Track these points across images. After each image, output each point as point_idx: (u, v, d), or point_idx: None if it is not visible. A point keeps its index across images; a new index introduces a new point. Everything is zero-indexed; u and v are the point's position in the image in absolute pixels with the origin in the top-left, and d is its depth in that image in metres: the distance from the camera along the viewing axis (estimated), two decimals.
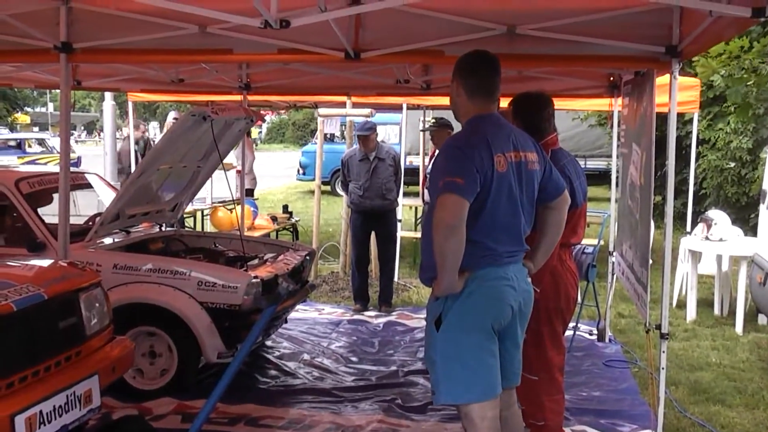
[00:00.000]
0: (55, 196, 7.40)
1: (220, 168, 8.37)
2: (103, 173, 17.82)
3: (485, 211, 4.21)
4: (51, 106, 69.93)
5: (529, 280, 4.55)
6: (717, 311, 10.17)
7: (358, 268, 10.46)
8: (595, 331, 8.99)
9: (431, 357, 4.43)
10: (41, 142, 36.98)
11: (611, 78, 8.36)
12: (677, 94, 5.58)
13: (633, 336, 9.09)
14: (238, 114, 7.86)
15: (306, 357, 8.21)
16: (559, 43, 5.73)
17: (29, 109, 68.14)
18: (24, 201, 7.19)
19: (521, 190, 4.35)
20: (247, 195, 14.20)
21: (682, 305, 10.32)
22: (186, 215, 12.76)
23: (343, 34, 5.78)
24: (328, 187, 23.70)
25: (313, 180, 13.65)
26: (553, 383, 5.42)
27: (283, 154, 50.99)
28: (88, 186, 8.83)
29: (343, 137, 16.47)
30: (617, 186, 8.51)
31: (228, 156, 11.23)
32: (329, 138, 23.26)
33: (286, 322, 8.59)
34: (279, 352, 8.38)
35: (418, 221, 14.79)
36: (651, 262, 5.96)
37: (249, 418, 6.50)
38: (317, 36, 5.89)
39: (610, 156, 11.01)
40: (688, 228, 11.60)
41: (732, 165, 16.73)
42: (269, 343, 8.58)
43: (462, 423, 4.44)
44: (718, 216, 10.39)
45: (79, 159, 32.59)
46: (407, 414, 6.62)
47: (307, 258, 8.26)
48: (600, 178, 22.45)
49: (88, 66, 8.97)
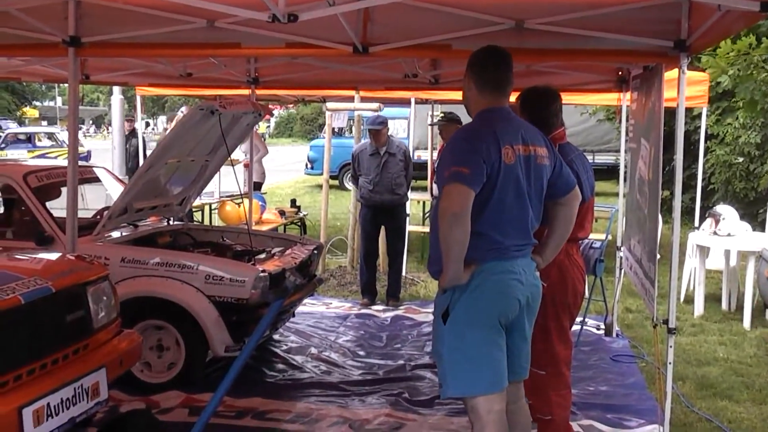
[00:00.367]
0: (64, 189, 7.42)
1: (227, 163, 8.37)
2: (112, 167, 17.83)
3: (492, 203, 4.21)
4: (59, 100, 70.05)
5: (537, 274, 4.55)
6: (725, 306, 10.15)
7: (366, 262, 10.47)
8: (603, 326, 8.98)
9: (438, 350, 4.44)
10: (51, 136, 37.00)
11: (620, 72, 8.33)
12: (686, 88, 5.57)
13: (640, 331, 9.09)
14: (246, 108, 7.87)
15: (313, 351, 8.22)
16: (568, 38, 5.72)
17: (38, 103, 68.27)
18: (32, 194, 7.21)
19: (529, 183, 4.35)
20: (256, 189, 14.20)
21: (689, 300, 10.30)
22: (194, 209, 12.76)
23: (351, 28, 5.78)
24: (336, 182, 23.70)
25: (321, 174, 13.64)
26: (560, 378, 5.42)
27: (291, 148, 51.01)
28: (96, 180, 8.85)
29: (351, 131, 16.43)
30: (625, 181, 8.49)
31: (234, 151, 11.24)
32: (337, 132, 23.27)
33: (293, 316, 8.59)
34: (286, 345, 8.39)
35: (426, 215, 14.78)
36: (659, 257, 5.96)
37: (256, 411, 6.51)
38: (325, 30, 5.88)
39: (618, 151, 10.99)
40: (696, 223, 11.57)
41: (740, 160, 16.69)
42: (277, 337, 8.59)
43: (468, 417, 4.44)
44: (726, 211, 10.38)
45: (89, 153, 32.63)
46: (414, 408, 6.62)
47: (315, 252, 8.27)
48: (608, 172, 22.37)
49: (96, 60, 8.98)
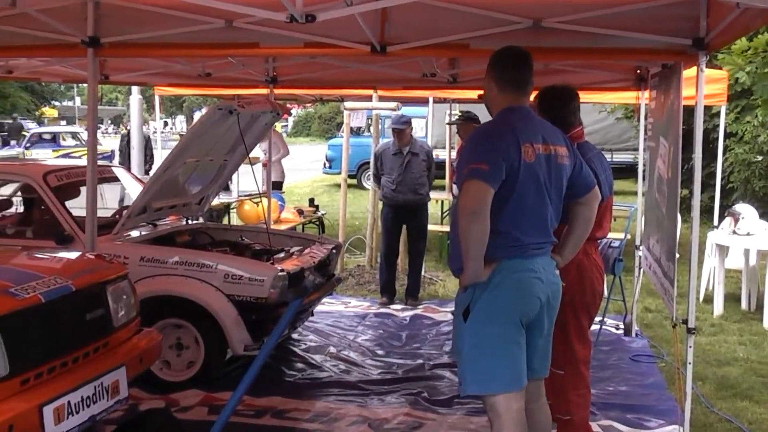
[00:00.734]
0: (83, 189, 7.45)
1: (246, 162, 8.40)
2: (130, 167, 17.91)
3: (512, 201, 4.21)
4: (78, 100, 70.31)
5: (557, 272, 4.55)
6: (744, 306, 10.10)
7: (387, 261, 10.47)
8: (622, 326, 8.96)
9: (459, 348, 4.45)
10: (75, 135, 37.08)
11: (638, 71, 8.30)
12: (704, 86, 5.55)
13: (660, 330, 9.05)
14: (264, 107, 7.89)
15: (332, 350, 8.22)
16: (586, 36, 5.70)
17: (57, 103, 68.50)
18: (52, 194, 7.24)
19: (549, 182, 4.35)
20: (276, 188, 14.21)
21: (709, 300, 10.26)
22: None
23: (369, 27, 5.78)
24: (354, 181, 23.70)
25: (340, 173, 13.64)
26: (579, 377, 5.41)
27: (309, 147, 51.04)
28: (115, 179, 8.89)
29: (370, 131, 16.44)
30: (644, 179, 8.47)
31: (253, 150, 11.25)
32: (355, 131, 23.28)
33: (312, 315, 8.60)
34: (305, 345, 8.40)
35: (444, 214, 14.76)
36: (678, 256, 5.93)
37: (275, 410, 6.52)
38: (343, 30, 5.89)
39: (636, 149, 10.95)
40: (715, 222, 11.51)
41: (760, 158, 16.58)
42: (296, 336, 8.60)
43: (488, 415, 4.44)
44: (745, 210, 10.32)
45: (113, 153, 32.69)
46: (433, 407, 6.62)
47: (334, 251, 8.27)
48: (626, 171, 22.25)
49: (115, 60, 9.01)
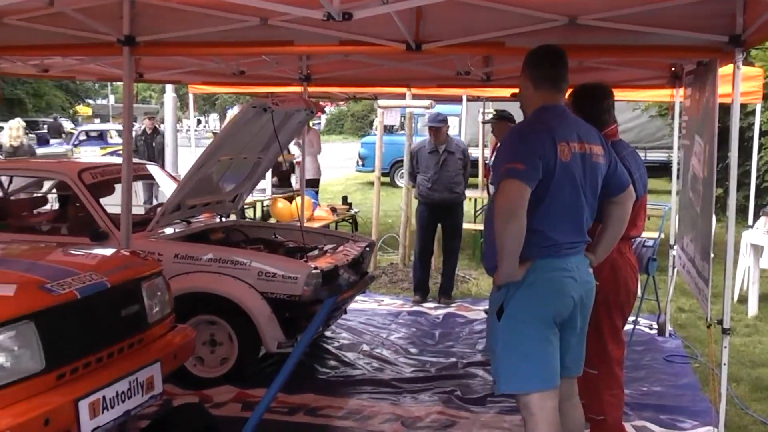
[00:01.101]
0: (117, 186, 7.51)
1: (280, 159, 8.41)
2: (164, 164, 18.00)
3: (547, 200, 4.21)
4: (112, 98, 70.68)
5: (591, 271, 4.53)
6: None
7: (421, 259, 10.45)
8: (656, 326, 8.90)
9: (492, 346, 4.45)
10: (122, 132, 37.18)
11: (673, 68, 8.25)
12: (740, 84, 5.50)
13: (693, 331, 8.97)
14: (298, 105, 7.90)
15: (365, 348, 8.23)
16: (621, 33, 5.67)
17: (91, 101, 68.94)
18: (87, 191, 7.30)
19: (585, 181, 4.34)
20: (312, 186, 14.24)
21: (743, 300, 10.14)
22: (245, 206, 12.87)
23: (405, 25, 5.78)
24: (387, 179, 23.70)
25: (372, 171, 13.66)
26: (613, 377, 5.38)
27: (342, 145, 51.08)
28: (149, 177, 8.94)
29: (403, 129, 16.44)
30: (678, 178, 8.40)
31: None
32: (389, 129, 23.28)
33: (345, 312, 8.62)
34: (338, 342, 8.42)
35: (477, 213, 14.74)
36: (712, 255, 5.88)
37: (308, 407, 6.53)
38: (378, 27, 5.89)
39: (670, 148, 10.86)
40: (749, 221, 11.42)
41: None
42: (329, 334, 8.62)
43: (521, 413, 4.43)
44: None
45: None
46: (466, 406, 6.60)
47: (367, 249, 8.28)
48: (660, 170, 22.10)
49: (149, 59, 9.08)
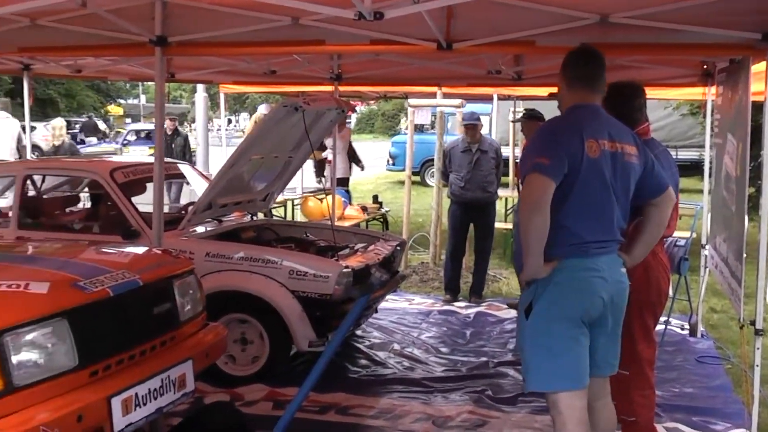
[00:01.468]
0: (149, 185, 7.55)
1: (311, 158, 8.43)
2: (195, 163, 18.09)
3: (573, 196, 4.20)
4: (143, 98, 71.19)
5: (624, 271, 4.51)
6: None
7: (452, 259, 10.44)
8: (687, 326, 8.84)
9: (521, 345, 4.46)
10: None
11: (705, 66, 8.19)
12: None
13: (726, 331, 8.90)
14: (329, 104, 7.92)
15: (396, 347, 8.23)
16: (653, 31, 5.64)
17: (122, 101, 69.43)
18: (119, 190, 7.36)
19: (615, 180, 4.32)
20: (343, 184, 14.25)
21: None
22: (276, 205, 12.91)
23: (436, 24, 5.78)
24: (417, 178, 23.68)
25: (403, 170, 13.65)
26: (644, 378, 5.34)
27: (373, 144, 51.10)
28: (180, 176, 8.99)
29: (433, 128, 16.42)
30: (710, 177, 8.34)
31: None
32: (419, 128, 23.26)
33: (376, 311, 8.63)
34: (369, 341, 8.42)
35: (508, 212, 14.71)
36: (745, 255, 5.84)
37: (339, 406, 6.54)
38: (409, 27, 5.89)
39: (701, 146, 10.77)
40: None
41: None
42: (360, 333, 8.63)
43: (550, 413, 4.43)
44: None
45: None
46: (497, 405, 6.59)
47: (398, 248, 8.28)
48: (692, 169, 21.90)
49: (181, 59, 9.13)
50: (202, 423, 5.36)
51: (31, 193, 8.34)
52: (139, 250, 5.90)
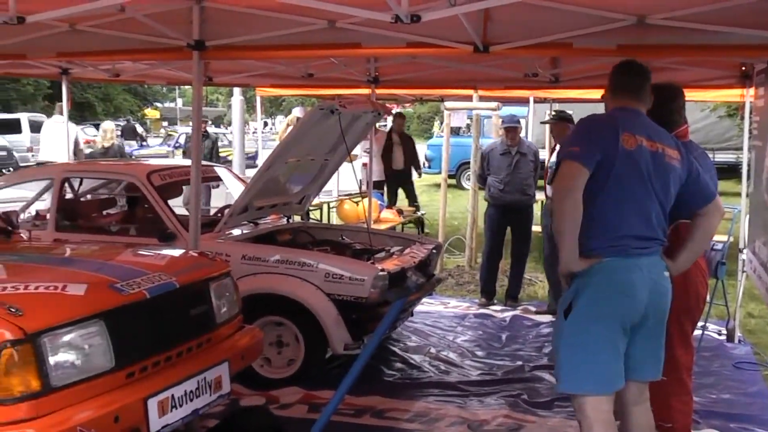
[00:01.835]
0: (185, 188, 7.58)
1: (348, 160, 8.45)
2: (232, 166, 18.16)
3: (609, 186, 4.22)
4: (180, 101, 71.66)
5: (667, 275, 4.48)
6: None
7: (489, 262, 10.39)
8: (725, 331, 8.74)
9: (556, 344, 4.46)
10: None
11: (743, 67, 8.12)
12: None
13: (764, 337, 8.80)
14: (365, 107, 7.91)
15: (432, 350, 8.20)
16: (691, 33, 5.60)
17: (158, 104, 69.91)
18: (155, 193, 7.41)
19: (655, 177, 4.32)
20: (379, 187, 14.26)
21: None
22: (312, 207, 12.94)
23: (472, 27, 5.76)
24: (453, 181, 23.63)
25: (439, 173, 13.64)
26: (681, 384, 5.28)
27: None
28: (217, 178, 9.03)
29: (469, 131, 16.41)
30: (748, 180, 8.26)
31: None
32: (455, 131, 23.21)
33: (412, 315, 8.61)
34: (405, 345, 8.40)
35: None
36: None
37: (375, 410, 6.53)
38: (445, 29, 5.88)
39: (739, 149, 10.66)
40: None
41: None
42: (395, 336, 8.61)
43: (576, 416, 4.41)
44: None
45: (257, 153, 32.92)
46: (533, 409, 6.55)
47: (434, 251, 8.26)
48: (728, 171, 21.65)
49: (218, 62, 9.17)
50: (237, 425, 5.37)
51: (69, 196, 8.42)
52: (176, 252, 5.94)
